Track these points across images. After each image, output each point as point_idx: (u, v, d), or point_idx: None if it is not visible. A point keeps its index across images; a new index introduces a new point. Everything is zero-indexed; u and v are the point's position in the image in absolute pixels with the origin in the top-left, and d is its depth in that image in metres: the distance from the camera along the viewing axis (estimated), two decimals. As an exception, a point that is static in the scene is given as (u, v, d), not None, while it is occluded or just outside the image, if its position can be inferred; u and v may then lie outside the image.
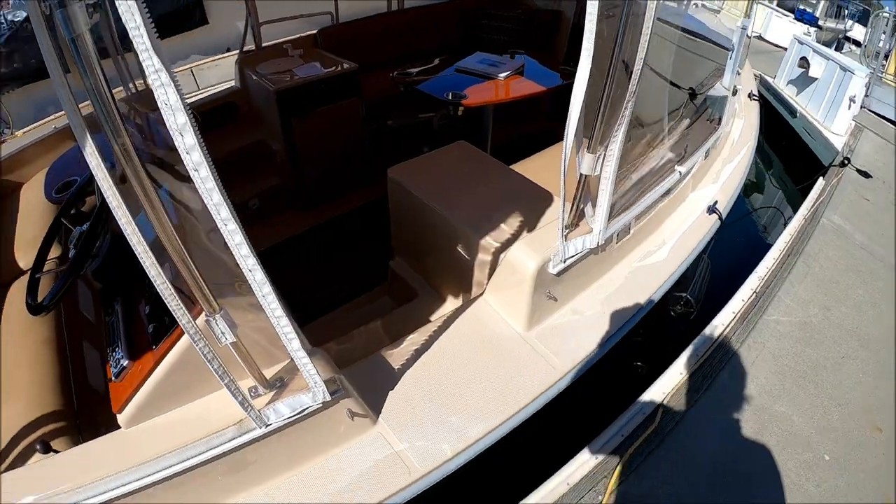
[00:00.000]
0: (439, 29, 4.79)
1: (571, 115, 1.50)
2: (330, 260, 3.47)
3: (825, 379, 2.37)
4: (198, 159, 0.99)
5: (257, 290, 1.19)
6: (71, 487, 1.35)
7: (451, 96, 3.31)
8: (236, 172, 3.67)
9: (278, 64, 3.72)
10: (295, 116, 3.41)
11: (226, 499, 1.54)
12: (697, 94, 2.71)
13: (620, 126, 1.63)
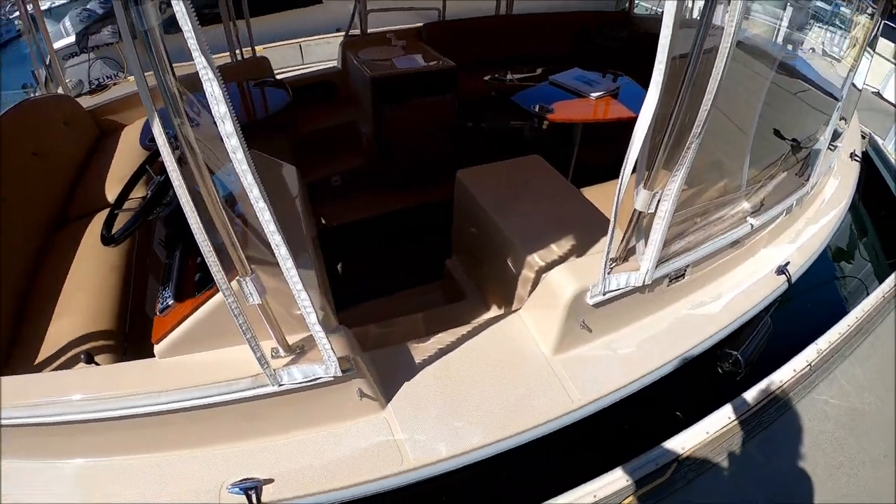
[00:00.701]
0: (545, 39, 4.79)
1: (633, 145, 1.48)
2: (397, 247, 3.61)
3: (862, 474, 2.20)
4: (235, 144, 1.09)
5: (282, 264, 1.27)
6: (96, 397, 1.51)
7: (539, 109, 3.32)
8: (324, 149, 3.87)
9: (380, 52, 3.86)
10: (387, 104, 3.52)
11: (232, 441, 1.66)
12: (790, 144, 2.57)
13: (682, 167, 1.58)
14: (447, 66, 3.63)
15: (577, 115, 3.38)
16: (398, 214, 3.74)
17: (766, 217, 2.34)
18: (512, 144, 4.24)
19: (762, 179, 2.32)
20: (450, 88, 3.67)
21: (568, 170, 3.65)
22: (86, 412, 1.52)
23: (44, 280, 2.48)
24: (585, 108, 3.44)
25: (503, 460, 1.77)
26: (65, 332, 2.16)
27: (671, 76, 1.34)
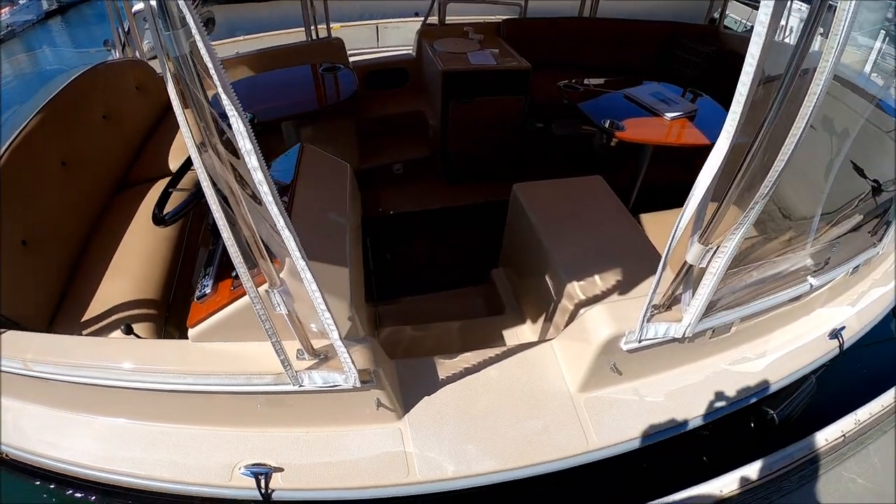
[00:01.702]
0: (627, 46, 4.66)
1: (694, 194, 1.41)
2: (450, 243, 3.63)
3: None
4: (260, 178, 1.11)
5: (307, 287, 1.31)
6: (132, 368, 1.64)
7: (609, 124, 3.19)
8: (390, 135, 3.95)
9: (455, 44, 3.85)
10: (455, 100, 3.53)
11: (252, 425, 1.78)
12: (870, 184, 2.39)
13: (742, 225, 1.51)
14: (521, 67, 3.59)
15: (647, 135, 3.24)
16: (455, 210, 3.77)
17: (829, 277, 2.22)
18: (578, 153, 4.19)
19: (831, 230, 2.18)
20: (521, 89, 3.64)
21: (632, 190, 3.56)
22: (121, 380, 1.65)
23: (100, 240, 2.61)
24: (658, 129, 3.30)
25: (512, 487, 1.78)
26: (113, 294, 2.28)
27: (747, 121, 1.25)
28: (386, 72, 4.14)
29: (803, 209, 2.09)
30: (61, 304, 2.29)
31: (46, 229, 2.34)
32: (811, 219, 2.09)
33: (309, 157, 2.16)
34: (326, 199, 2.09)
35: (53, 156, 2.54)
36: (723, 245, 1.55)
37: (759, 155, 1.37)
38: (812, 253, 2.12)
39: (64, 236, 2.46)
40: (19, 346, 1.75)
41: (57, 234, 2.41)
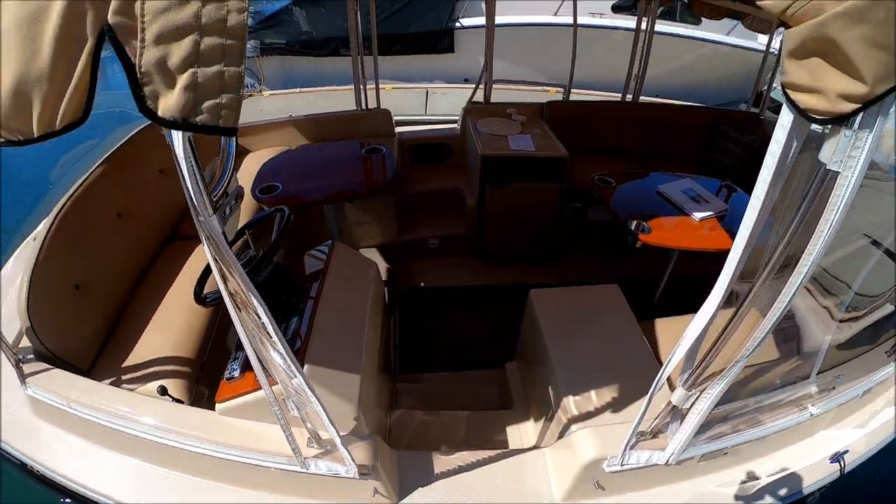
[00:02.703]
0: (667, 133, 4.77)
1: (682, 343, 1.53)
2: (478, 321, 3.79)
3: None
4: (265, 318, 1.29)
5: (314, 406, 1.53)
6: (163, 427, 1.93)
7: (635, 225, 3.29)
8: (429, 209, 4.19)
9: (498, 125, 4.07)
10: (491, 183, 3.73)
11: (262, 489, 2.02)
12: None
13: (725, 378, 1.61)
14: (558, 156, 3.76)
15: (672, 239, 3.35)
16: (486, 289, 3.96)
17: (834, 403, 2.24)
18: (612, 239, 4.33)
19: (837, 359, 2.19)
20: (558, 177, 3.81)
21: (659, 284, 3.68)
22: (150, 435, 1.94)
23: (146, 291, 2.87)
24: (684, 232, 3.39)
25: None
26: (152, 347, 2.54)
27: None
28: (432, 146, 4.42)
29: (806, 347, 2.16)
30: (104, 347, 2.56)
31: (98, 276, 2.61)
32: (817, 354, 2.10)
33: (339, 255, 2.40)
34: (350, 298, 2.31)
35: (111, 207, 2.82)
36: (706, 391, 1.67)
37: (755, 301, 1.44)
38: (815, 376, 2.11)
39: (114, 283, 2.74)
40: (65, 385, 2.07)
41: (108, 280, 2.68)
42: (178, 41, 0.79)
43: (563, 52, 4.74)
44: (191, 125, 0.83)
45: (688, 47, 8.82)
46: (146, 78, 0.81)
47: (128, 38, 0.79)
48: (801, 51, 0.97)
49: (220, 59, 0.82)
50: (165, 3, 0.78)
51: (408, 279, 3.98)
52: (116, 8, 0.79)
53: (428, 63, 8.65)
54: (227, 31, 0.81)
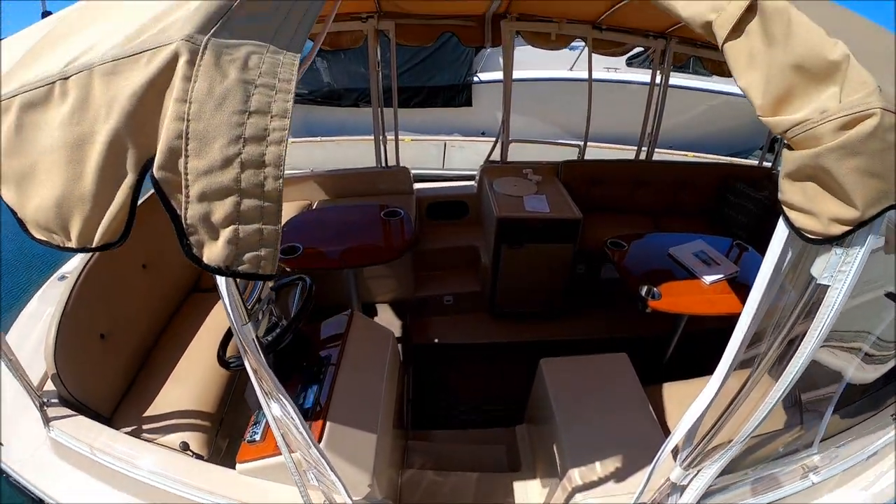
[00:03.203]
0: (681, 190, 4.87)
1: (679, 428, 1.61)
2: (491, 378, 3.88)
3: None
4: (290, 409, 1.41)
5: (328, 477, 1.63)
6: (184, 482, 2.04)
7: (645, 291, 3.35)
8: (444, 266, 4.35)
9: (514, 185, 4.20)
10: (507, 244, 3.86)
11: None
12: None
13: (724, 456, 1.67)
14: (572, 217, 3.87)
15: (681, 305, 3.41)
16: (499, 346, 4.07)
17: (837, 470, 2.25)
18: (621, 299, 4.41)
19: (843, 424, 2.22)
20: (571, 238, 3.92)
21: (666, 349, 3.74)
22: (173, 488, 2.06)
23: (169, 341, 2.98)
24: (694, 297, 3.45)
25: None
26: (173, 399, 2.63)
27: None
28: (450, 203, 4.58)
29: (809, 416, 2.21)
30: (126, 395, 2.66)
31: (123, 325, 2.71)
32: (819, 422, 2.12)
33: (357, 325, 2.52)
34: (369, 368, 2.42)
35: (137, 258, 2.93)
36: (703, 471, 1.75)
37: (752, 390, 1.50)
38: (818, 444, 2.14)
39: (137, 333, 2.84)
40: (90, 433, 2.20)
41: (131, 330, 2.79)
42: (221, 200, 0.89)
43: (578, 106, 4.95)
44: (233, 272, 0.92)
45: (701, 99, 9.01)
46: (191, 229, 0.90)
47: (173, 192, 0.89)
48: (798, 175, 1.05)
49: (259, 219, 0.91)
50: (208, 166, 0.87)
51: (423, 335, 4.10)
52: (162, 164, 0.88)
53: (446, 116, 8.91)
54: (264, 195, 0.90)
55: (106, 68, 0.90)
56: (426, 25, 4.18)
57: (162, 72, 0.87)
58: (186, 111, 0.85)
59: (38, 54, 1.07)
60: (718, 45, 1.13)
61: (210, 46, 0.89)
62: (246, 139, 0.88)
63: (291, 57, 0.98)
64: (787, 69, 1.02)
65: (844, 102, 0.95)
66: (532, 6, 3.98)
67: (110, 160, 0.91)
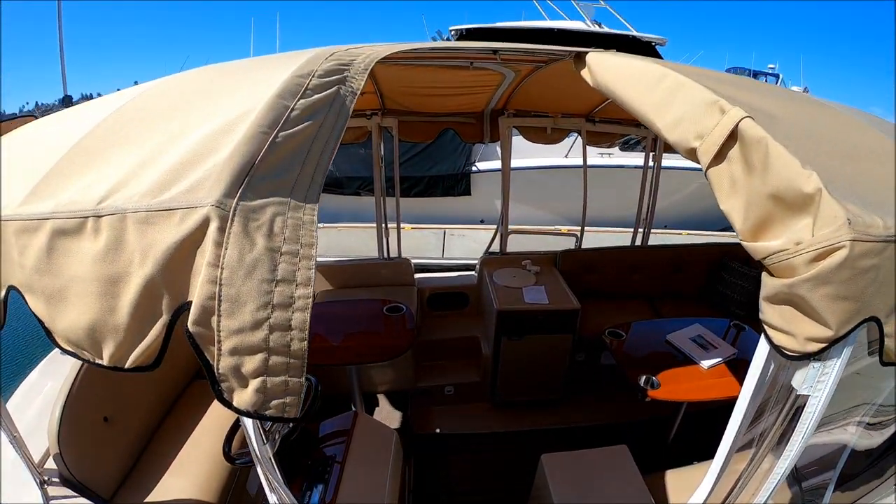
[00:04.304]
0: (677, 273, 4.98)
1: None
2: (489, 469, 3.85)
3: None
4: None
5: None
6: None
7: (643, 380, 3.37)
8: (445, 357, 4.39)
9: (513, 277, 4.33)
10: (506, 336, 3.94)
11: None
12: None
13: None
14: (571, 308, 3.96)
15: (681, 392, 3.43)
16: (500, 436, 4.08)
17: None
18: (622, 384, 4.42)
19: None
20: (570, 328, 4.00)
21: (670, 429, 3.75)
22: None
23: (171, 427, 2.98)
24: (693, 383, 3.49)
25: None
26: (174, 489, 2.61)
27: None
28: (451, 294, 4.69)
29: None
30: (127, 479, 2.64)
31: (126, 409, 2.72)
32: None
33: (361, 426, 2.59)
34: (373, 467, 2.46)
35: None
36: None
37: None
38: None
39: (141, 418, 2.85)
40: None
41: (135, 415, 2.79)
42: (251, 356, 0.98)
43: (575, 192, 5.12)
44: (261, 416, 1.01)
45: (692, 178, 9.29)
46: (223, 377, 0.99)
47: (206, 344, 0.98)
48: (776, 299, 1.13)
49: (285, 372, 1.00)
50: (239, 326, 0.95)
51: (424, 425, 4.11)
52: (196, 320, 0.95)
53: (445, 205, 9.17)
54: (290, 353, 0.99)
55: (140, 217, 1.00)
56: (427, 122, 4.41)
57: (194, 233, 0.98)
58: (219, 276, 0.95)
59: (69, 172, 1.17)
60: (703, 169, 1.26)
61: (238, 213, 0.99)
62: (274, 305, 0.98)
63: (311, 212, 1.08)
64: (765, 198, 1.12)
65: (817, 236, 1.04)
66: (528, 103, 4.23)
67: (145, 300, 1.00)
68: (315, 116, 1.27)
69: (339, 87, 1.42)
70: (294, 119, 1.21)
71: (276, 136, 1.14)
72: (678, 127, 1.35)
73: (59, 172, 1.17)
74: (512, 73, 3.38)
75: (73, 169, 1.18)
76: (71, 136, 1.34)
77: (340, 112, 1.35)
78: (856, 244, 1.01)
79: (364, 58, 1.67)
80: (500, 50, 2.34)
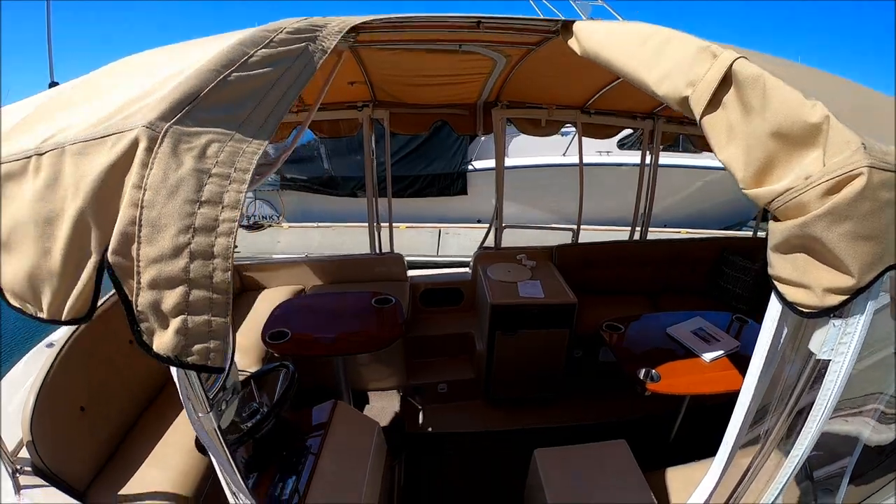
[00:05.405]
0: (677, 267, 4.89)
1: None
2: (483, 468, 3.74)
3: None
4: None
5: None
6: None
7: (643, 373, 3.25)
8: (438, 353, 4.30)
9: (508, 271, 4.23)
10: (501, 331, 3.84)
11: None
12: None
13: None
14: (567, 302, 3.86)
15: (681, 386, 3.31)
16: (493, 434, 3.97)
17: None
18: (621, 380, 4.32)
19: None
20: (567, 322, 3.89)
21: (671, 427, 3.64)
22: None
23: (150, 420, 2.91)
24: (695, 376, 3.38)
25: None
26: (149, 481, 2.54)
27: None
28: (446, 290, 4.60)
29: None
30: (102, 472, 2.57)
31: (104, 400, 2.67)
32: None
33: (341, 415, 2.48)
34: (350, 459, 2.35)
35: (125, 333, 2.87)
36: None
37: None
38: None
39: (118, 410, 2.79)
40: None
41: (113, 406, 2.74)
42: (171, 290, 0.90)
43: (572, 191, 5.03)
44: (183, 363, 0.92)
45: (693, 176, 9.24)
46: (142, 316, 0.91)
47: (126, 277, 0.90)
48: (786, 246, 1.00)
49: (208, 310, 0.92)
50: (158, 253, 0.88)
51: (416, 423, 4.00)
52: (115, 249, 0.89)
53: (441, 204, 9.11)
54: (213, 286, 0.91)
55: (76, 148, 0.94)
56: (419, 114, 4.34)
57: (123, 157, 0.90)
58: (141, 198, 0.88)
59: (26, 128, 1.12)
60: (696, 120, 1.14)
61: (169, 134, 0.92)
62: (196, 229, 0.89)
63: (256, 146, 1.01)
64: (767, 138, 1.00)
65: (829, 165, 0.91)
66: (521, 93, 4.14)
67: (76, 239, 0.93)
68: (276, 65, 1.22)
69: (308, 45, 1.38)
70: (252, 64, 1.17)
71: (228, 75, 1.09)
72: (668, 78, 1.24)
73: (13, 132, 1.13)
74: (503, 58, 3.28)
75: (28, 126, 1.14)
76: (35, 105, 1.32)
77: (306, 66, 1.31)
78: (874, 171, 0.88)
79: (339, 22, 1.64)
80: (483, 20, 2.24)
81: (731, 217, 9.89)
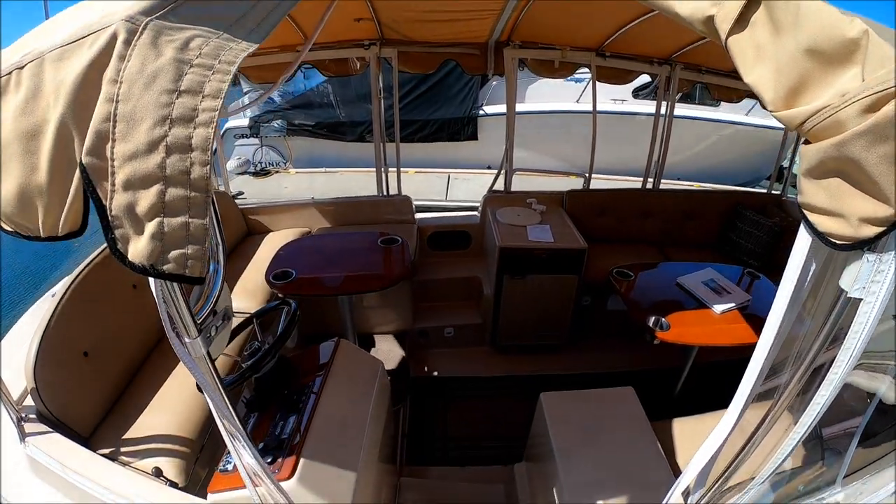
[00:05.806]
0: (689, 218, 4.79)
1: (698, 457, 1.51)
2: (490, 412, 3.75)
3: None
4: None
5: None
6: None
7: (653, 321, 3.19)
8: (445, 297, 4.25)
9: (517, 215, 4.15)
10: (509, 274, 3.78)
11: None
12: None
13: (744, 495, 1.58)
14: (577, 247, 3.78)
15: (691, 336, 3.24)
16: (500, 380, 3.96)
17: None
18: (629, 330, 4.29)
19: None
20: (576, 268, 3.83)
21: (677, 381, 3.60)
22: None
23: (153, 367, 2.90)
24: (705, 327, 3.30)
25: None
26: (153, 425, 2.54)
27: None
28: (452, 233, 4.53)
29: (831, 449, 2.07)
30: (107, 417, 2.58)
31: (108, 345, 2.65)
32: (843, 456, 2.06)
33: (343, 353, 2.42)
34: (353, 397, 2.32)
35: (128, 277, 2.85)
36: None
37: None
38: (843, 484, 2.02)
39: (122, 354, 2.78)
40: (64, 451, 2.10)
41: (117, 351, 2.72)
42: (146, 189, 0.83)
43: (584, 139, 4.89)
44: (159, 273, 0.86)
45: (709, 129, 9.01)
46: (116, 221, 0.84)
47: (100, 179, 0.84)
48: (820, 170, 0.91)
49: (185, 211, 0.85)
50: (133, 150, 0.82)
51: (422, 367, 3.99)
52: (89, 149, 0.83)
53: (451, 149, 8.94)
54: (191, 183, 0.84)
55: (55, 55, 0.87)
56: (428, 53, 4.17)
57: (102, 53, 0.83)
58: (116, 92, 0.81)
59: (13, 50, 1.05)
60: (721, 41, 1.02)
61: (150, 27, 0.85)
62: (173, 120, 0.82)
63: (245, 45, 0.92)
64: (800, 55, 0.89)
65: (868, 80, 0.82)
66: (534, 33, 3.97)
67: (61, 149, 0.88)
68: None
69: None
70: None
71: None
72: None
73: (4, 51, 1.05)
74: (516, -8, 3.11)
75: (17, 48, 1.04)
76: None
77: None
78: None
79: None
80: None
81: (746, 174, 9.70)
